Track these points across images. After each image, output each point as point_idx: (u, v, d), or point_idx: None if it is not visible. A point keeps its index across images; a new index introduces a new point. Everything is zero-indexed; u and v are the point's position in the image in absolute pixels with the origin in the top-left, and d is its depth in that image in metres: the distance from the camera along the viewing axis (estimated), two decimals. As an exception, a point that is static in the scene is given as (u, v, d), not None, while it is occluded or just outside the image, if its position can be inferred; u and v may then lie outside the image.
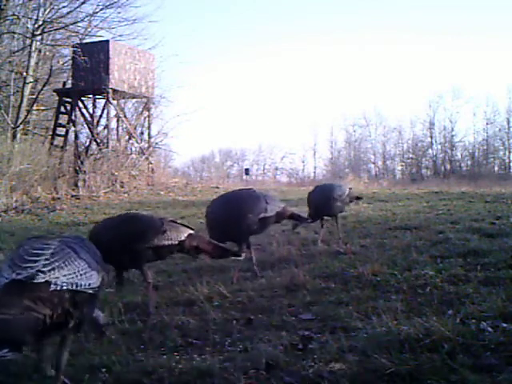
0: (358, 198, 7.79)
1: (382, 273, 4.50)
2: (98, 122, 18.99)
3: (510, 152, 43.70)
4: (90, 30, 20.41)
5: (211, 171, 46.06)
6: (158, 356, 2.98)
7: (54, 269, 2.22)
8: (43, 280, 2.15)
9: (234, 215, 4.76)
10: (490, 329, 2.97)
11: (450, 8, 56.18)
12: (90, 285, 2.32)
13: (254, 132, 72.55)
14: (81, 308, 2.31)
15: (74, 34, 19.89)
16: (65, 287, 2.20)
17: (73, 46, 17.97)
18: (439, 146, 45.14)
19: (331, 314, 3.55)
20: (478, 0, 56.04)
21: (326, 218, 6.63)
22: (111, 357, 2.94)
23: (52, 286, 2.16)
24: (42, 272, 2.18)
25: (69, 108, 18.58)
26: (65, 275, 2.23)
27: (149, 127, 20.04)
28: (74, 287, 2.24)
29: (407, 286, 4.09)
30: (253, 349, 2.99)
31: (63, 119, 19.07)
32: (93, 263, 2.42)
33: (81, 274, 2.30)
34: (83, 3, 19.04)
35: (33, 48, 18.66)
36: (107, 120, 18.30)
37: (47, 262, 2.24)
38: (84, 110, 18.86)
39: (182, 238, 4.04)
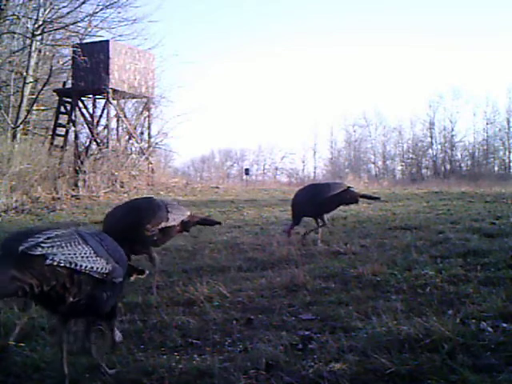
0: (368, 198, 7.52)
1: (382, 273, 4.50)
2: (98, 121, 18.99)
3: (510, 152, 43.71)
4: (90, 30, 20.41)
5: (211, 171, 46.11)
6: (158, 356, 2.98)
7: (53, 246, 2.36)
8: (39, 253, 2.30)
9: (131, 226, 4.41)
10: (489, 329, 2.97)
11: (450, 8, 56.26)
12: (92, 268, 2.45)
13: (253, 132, 72.63)
14: (86, 289, 2.45)
15: (74, 34, 19.89)
16: (62, 264, 2.34)
17: (73, 46, 17.96)
18: (439, 146, 45.17)
19: (331, 314, 3.55)
20: (478, 0, 56.08)
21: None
22: (111, 357, 2.94)
23: (48, 260, 2.31)
24: (41, 246, 2.32)
25: (69, 108, 18.57)
26: (64, 254, 2.37)
27: (149, 127, 20.04)
28: (73, 266, 2.38)
29: (407, 286, 4.09)
30: (253, 349, 2.99)
31: (63, 119, 19.07)
32: (101, 252, 2.54)
33: (82, 257, 2.43)
34: (83, 3, 19.05)
35: (33, 48, 18.66)
36: (107, 120, 18.30)
37: (49, 240, 2.38)
38: (84, 110, 18.85)
39: None
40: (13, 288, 2.21)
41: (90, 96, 18.82)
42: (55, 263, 2.32)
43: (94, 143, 18.61)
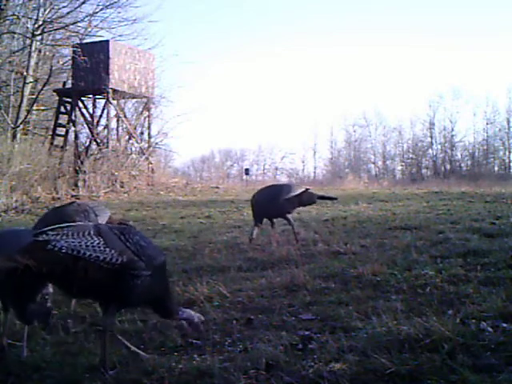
0: (326, 198, 7.55)
1: (382, 273, 4.50)
2: (98, 121, 19.01)
3: (510, 152, 43.64)
4: (90, 30, 20.44)
5: (211, 171, 46.08)
6: (158, 356, 2.98)
7: (58, 234, 2.59)
8: (42, 239, 2.56)
9: None
10: (489, 329, 2.97)
11: (450, 8, 56.17)
12: (98, 257, 2.60)
13: (253, 132, 72.54)
14: (95, 276, 2.62)
15: (74, 34, 19.91)
16: (63, 250, 2.54)
17: (73, 46, 17.97)
18: (439, 146, 45.11)
19: (331, 314, 3.55)
20: (478, 0, 56.06)
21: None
22: (111, 357, 2.94)
23: (49, 245, 2.53)
24: (46, 234, 2.59)
25: (69, 108, 18.58)
26: (67, 241, 2.56)
27: (149, 127, 20.07)
28: (75, 253, 2.56)
29: (407, 286, 4.09)
30: (253, 349, 2.99)
31: (63, 119, 19.08)
32: (115, 244, 2.68)
33: (87, 246, 2.59)
34: (83, 3, 19.08)
35: (33, 48, 18.67)
36: (107, 120, 18.31)
37: (59, 229, 2.63)
38: (84, 110, 18.86)
39: None
40: (8, 266, 2.51)
41: (90, 96, 18.84)
42: (56, 249, 2.52)
43: (94, 143, 18.62)
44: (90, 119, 18.71)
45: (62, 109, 18.66)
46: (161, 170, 21.40)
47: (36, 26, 18.25)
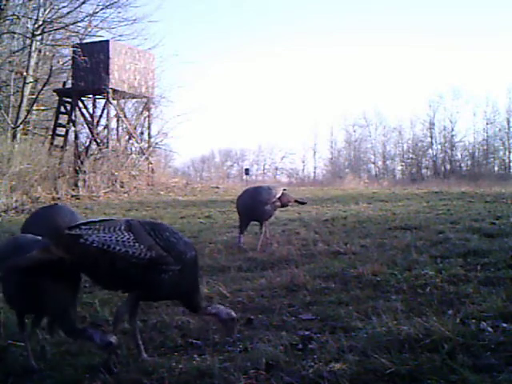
0: (300, 203, 7.49)
1: (382, 273, 4.49)
2: (98, 121, 19.00)
3: (510, 152, 43.64)
4: (90, 30, 20.45)
5: (211, 171, 46.10)
6: (158, 356, 2.98)
7: (91, 228, 2.73)
8: (74, 233, 2.71)
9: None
10: (489, 329, 2.96)
11: (450, 8, 56.20)
12: (128, 252, 2.71)
13: (253, 132, 72.57)
14: (124, 270, 2.72)
15: (74, 34, 19.92)
16: (95, 244, 2.67)
17: (73, 46, 17.98)
18: (439, 146, 45.12)
19: (331, 314, 3.55)
20: (478, 0, 56.05)
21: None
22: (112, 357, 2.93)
23: (81, 239, 2.68)
24: (80, 228, 2.74)
25: (69, 108, 18.58)
26: (98, 236, 2.70)
27: (149, 127, 20.08)
28: (105, 247, 2.68)
29: (407, 286, 4.08)
30: (253, 349, 2.99)
31: (63, 119, 19.08)
32: (144, 239, 2.77)
33: (117, 241, 2.71)
34: (83, 3, 19.09)
35: (33, 48, 18.67)
36: (107, 120, 18.31)
37: (91, 224, 2.77)
38: (84, 110, 18.86)
39: None
40: (45, 258, 2.68)
41: (90, 96, 18.84)
42: (88, 243, 2.67)
43: (94, 143, 18.62)
44: (90, 119, 18.71)
45: (62, 109, 18.66)
46: (161, 170, 21.41)
47: (36, 26, 18.26)
